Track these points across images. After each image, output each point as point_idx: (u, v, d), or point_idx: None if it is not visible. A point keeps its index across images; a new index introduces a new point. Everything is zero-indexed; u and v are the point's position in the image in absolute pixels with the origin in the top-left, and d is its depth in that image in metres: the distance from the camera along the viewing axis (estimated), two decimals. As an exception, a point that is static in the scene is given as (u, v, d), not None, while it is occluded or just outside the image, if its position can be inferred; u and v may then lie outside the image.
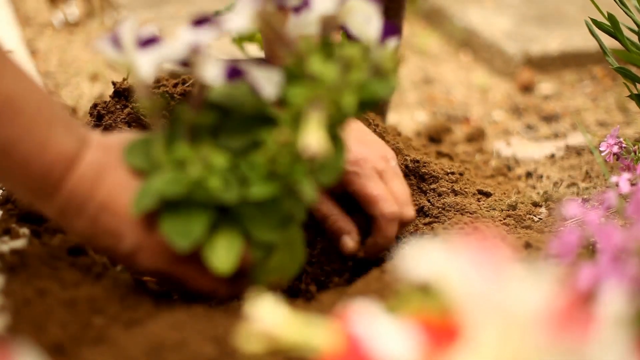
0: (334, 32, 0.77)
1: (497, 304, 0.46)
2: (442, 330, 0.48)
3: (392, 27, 0.76)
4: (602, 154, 1.02)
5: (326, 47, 0.74)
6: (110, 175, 0.78)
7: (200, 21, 0.75)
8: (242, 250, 0.78)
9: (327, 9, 0.75)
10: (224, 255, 0.76)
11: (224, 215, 0.77)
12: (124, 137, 0.81)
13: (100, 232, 0.79)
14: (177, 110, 0.77)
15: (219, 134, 0.78)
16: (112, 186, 0.78)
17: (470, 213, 1.05)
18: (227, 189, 0.75)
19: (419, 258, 0.48)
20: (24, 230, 0.95)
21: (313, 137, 0.69)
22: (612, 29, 1.07)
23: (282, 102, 0.75)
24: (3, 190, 1.02)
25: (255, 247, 0.79)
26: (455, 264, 0.47)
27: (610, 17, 1.05)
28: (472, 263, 0.47)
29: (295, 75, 0.74)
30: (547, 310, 0.45)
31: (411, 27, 2.15)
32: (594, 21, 1.11)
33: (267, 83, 0.74)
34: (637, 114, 1.52)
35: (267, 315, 0.53)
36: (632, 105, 1.54)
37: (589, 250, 0.86)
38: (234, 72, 0.73)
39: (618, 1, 1.07)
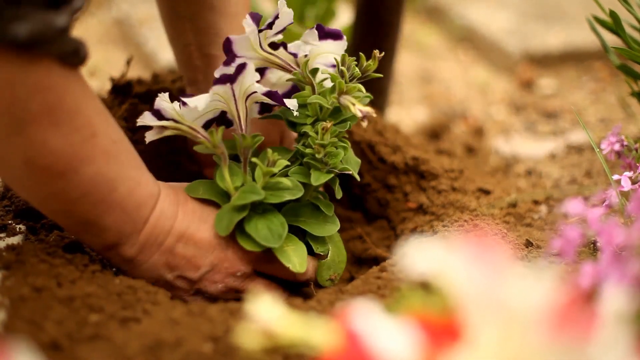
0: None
1: (497, 302, 0.45)
2: (442, 329, 0.47)
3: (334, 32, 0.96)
4: (604, 152, 1.01)
5: (314, 70, 0.93)
6: (182, 209, 0.89)
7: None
8: (305, 253, 0.91)
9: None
10: (296, 259, 0.89)
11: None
12: (178, 184, 0.93)
13: (177, 262, 0.88)
14: (235, 139, 0.90)
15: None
16: (185, 217, 0.88)
17: (470, 211, 1.05)
18: (294, 187, 0.89)
19: (419, 256, 0.47)
20: (21, 227, 0.95)
21: (359, 105, 0.86)
22: (614, 26, 1.06)
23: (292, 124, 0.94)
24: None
25: (315, 241, 0.94)
26: (456, 261, 0.46)
27: (613, 15, 1.05)
28: (472, 261, 0.46)
29: (300, 97, 0.93)
30: (548, 308, 0.45)
31: (411, 24, 2.14)
32: (596, 18, 1.10)
33: (292, 106, 0.90)
34: (639, 112, 1.51)
35: (266, 313, 0.53)
36: (633, 102, 1.53)
37: (590, 248, 0.86)
38: (268, 107, 0.93)
39: (620, -1, 1.06)
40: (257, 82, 0.88)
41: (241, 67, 0.87)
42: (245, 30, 0.89)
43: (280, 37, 0.93)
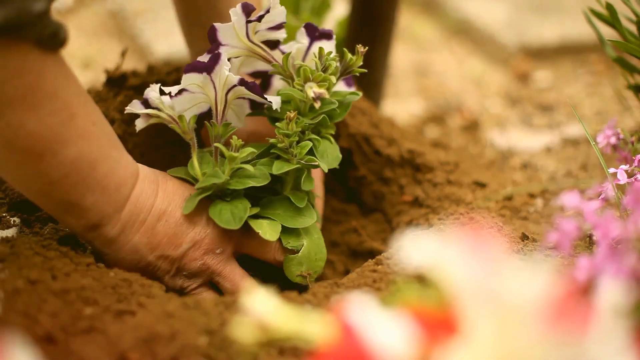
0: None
1: (493, 295, 0.45)
2: (438, 322, 0.47)
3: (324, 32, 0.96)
4: (600, 145, 1.01)
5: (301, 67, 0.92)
6: (162, 188, 0.90)
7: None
8: (279, 228, 0.92)
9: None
10: (269, 229, 0.91)
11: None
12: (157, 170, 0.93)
13: (158, 240, 0.88)
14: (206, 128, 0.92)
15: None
16: (165, 195, 0.89)
17: (466, 204, 1.05)
18: (260, 175, 0.91)
19: (415, 249, 0.47)
20: (15, 220, 0.94)
21: (314, 87, 0.88)
22: (611, 18, 1.06)
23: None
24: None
25: (287, 235, 0.93)
26: (452, 254, 0.46)
27: (609, 7, 1.04)
28: (468, 254, 0.46)
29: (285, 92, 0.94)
30: (544, 302, 0.45)
31: (406, 16, 2.14)
32: (592, 11, 1.10)
33: (275, 102, 0.92)
34: (635, 105, 1.51)
35: (261, 306, 0.52)
36: (629, 94, 1.53)
37: (586, 242, 0.85)
38: (254, 86, 0.91)
39: (616, -10, 1.06)
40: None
41: (216, 57, 0.88)
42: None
43: (283, 35, 0.94)
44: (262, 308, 0.52)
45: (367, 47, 0.93)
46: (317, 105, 0.88)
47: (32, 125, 0.75)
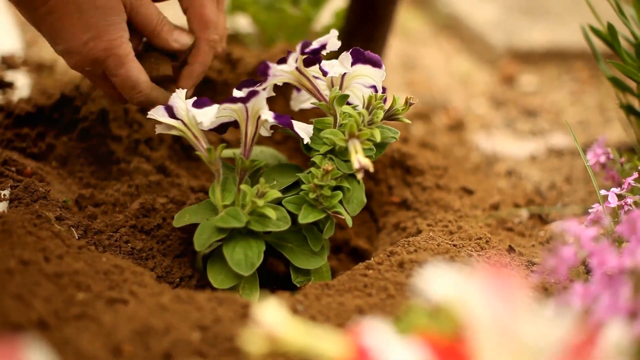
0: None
1: (510, 334, 0.46)
2: (451, 351, 0.48)
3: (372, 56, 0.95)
4: (589, 163, 1.03)
5: (343, 97, 0.93)
6: None
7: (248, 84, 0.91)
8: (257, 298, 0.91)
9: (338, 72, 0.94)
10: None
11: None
12: None
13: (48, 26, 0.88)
14: (235, 159, 0.91)
15: (265, 177, 0.92)
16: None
17: (454, 211, 1.06)
18: (281, 219, 0.89)
19: (437, 280, 0.48)
20: (5, 193, 0.94)
21: (360, 155, 0.86)
22: (610, 37, 1.07)
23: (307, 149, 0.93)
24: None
25: (296, 272, 0.93)
26: (473, 290, 0.47)
27: (610, 27, 1.05)
28: (490, 292, 0.47)
29: (322, 123, 0.94)
30: (560, 350, 0.46)
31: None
32: (592, 28, 1.11)
33: (305, 133, 0.91)
34: (616, 117, 1.53)
35: (271, 317, 0.53)
36: (611, 106, 1.56)
37: (581, 269, 0.87)
38: (287, 123, 0.90)
39: (617, 11, 1.07)
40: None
41: (253, 93, 0.87)
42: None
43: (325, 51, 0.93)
44: (271, 319, 0.53)
45: (416, 101, 0.94)
46: (360, 176, 0.86)
47: None
